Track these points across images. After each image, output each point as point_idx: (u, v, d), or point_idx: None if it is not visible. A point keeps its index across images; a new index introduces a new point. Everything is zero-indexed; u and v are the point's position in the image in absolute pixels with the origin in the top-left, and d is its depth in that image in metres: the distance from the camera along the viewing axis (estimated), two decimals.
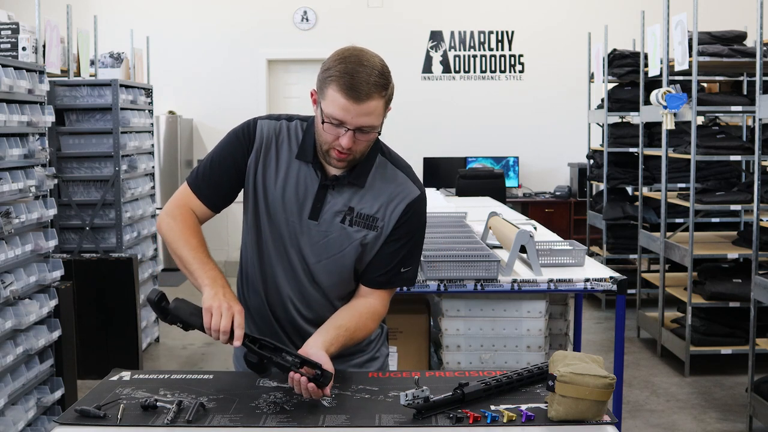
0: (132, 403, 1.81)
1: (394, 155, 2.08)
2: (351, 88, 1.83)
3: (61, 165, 5.37)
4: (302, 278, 2.04)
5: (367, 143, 1.92)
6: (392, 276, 2.04)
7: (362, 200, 2.00)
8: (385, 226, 2.00)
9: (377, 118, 1.88)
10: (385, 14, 9.40)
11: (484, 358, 3.21)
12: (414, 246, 2.06)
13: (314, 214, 1.99)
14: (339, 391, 1.89)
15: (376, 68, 1.86)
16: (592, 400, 1.69)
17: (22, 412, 3.66)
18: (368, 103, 1.84)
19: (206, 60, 9.46)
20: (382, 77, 1.86)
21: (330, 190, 1.99)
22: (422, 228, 2.07)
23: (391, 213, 2.00)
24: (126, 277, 5.16)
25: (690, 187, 5.23)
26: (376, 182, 2.01)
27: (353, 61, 1.85)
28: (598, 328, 6.45)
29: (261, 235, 2.05)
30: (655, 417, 4.53)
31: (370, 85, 1.84)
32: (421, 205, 2.04)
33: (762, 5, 4.19)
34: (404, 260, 2.04)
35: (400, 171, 2.04)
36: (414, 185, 2.04)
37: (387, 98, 1.89)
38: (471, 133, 9.45)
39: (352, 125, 1.86)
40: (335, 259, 2.01)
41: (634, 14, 6.88)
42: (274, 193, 2.01)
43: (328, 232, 2.00)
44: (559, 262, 3.41)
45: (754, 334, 4.29)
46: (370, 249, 2.02)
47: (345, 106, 1.84)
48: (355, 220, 1.99)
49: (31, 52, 4.35)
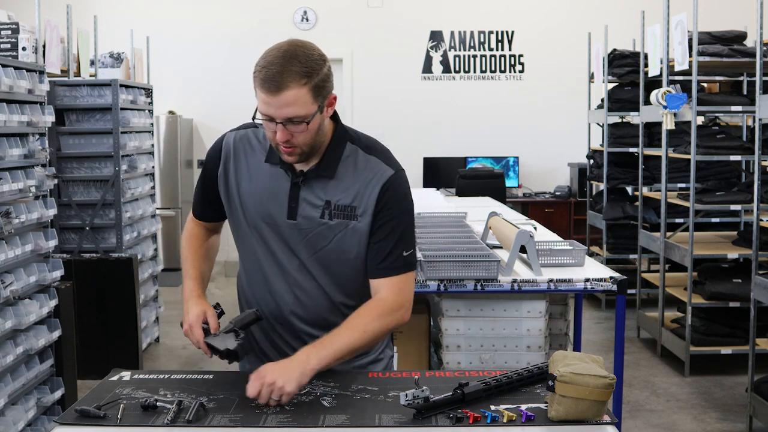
0: (132, 403, 1.81)
1: (365, 141, 2.04)
2: (266, 80, 1.83)
3: (61, 165, 5.37)
4: (296, 276, 2.03)
5: (307, 134, 1.89)
6: (393, 261, 2.00)
7: (337, 191, 1.98)
8: (366, 213, 1.98)
9: (303, 107, 1.84)
10: (385, 14, 9.40)
11: (484, 358, 3.21)
12: (406, 226, 2.01)
13: (292, 214, 2.00)
14: (339, 391, 1.89)
15: (297, 57, 1.83)
16: (592, 400, 1.69)
17: (22, 412, 3.66)
18: (285, 94, 1.82)
19: (206, 60, 9.45)
20: (301, 65, 1.82)
21: (302, 186, 1.99)
22: (407, 206, 2.02)
23: (368, 198, 1.97)
24: (126, 277, 5.16)
25: (690, 187, 5.23)
26: (349, 171, 1.99)
27: (272, 54, 1.85)
28: (598, 328, 6.45)
29: (247, 243, 2.08)
30: (655, 417, 4.53)
31: (285, 74, 1.81)
32: (398, 183, 2.00)
33: (762, 5, 4.19)
34: (400, 243, 2.00)
35: (372, 155, 2.01)
36: (386, 165, 2.00)
37: (314, 85, 1.84)
38: (471, 133, 9.45)
39: (279, 118, 1.85)
40: (324, 253, 2.01)
41: (634, 14, 6.88)
42: (250, 200, 2.03)
43: (309, 229, 1.99)
44: (559, 262, 3.41)
45: (754, 334, 4.29)
46: (355, 239, 1.99)
47: (265, 100, 1.85)
48: (334, 212, 1.98)
49: (31, 52, 4.35)
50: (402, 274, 2.02)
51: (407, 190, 2.04)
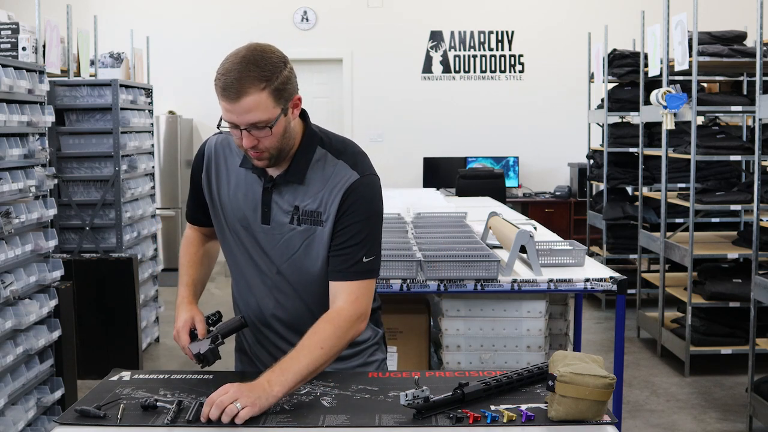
0: (132, 403, 1.81)
1: (335, 144, 2.00)
2: (225, 88, 1.81)
3: (61, 165, 5.37)
4: (274, 280, 2.04)
5: (273, 138, 1.87)
6: (351, 265, 1.94)
7: (305, 197, 1.97)
8: (329, 219, 1.96)
9: (264, 112, 1.82)
10: (385, 14, 9.40)
11: (484, 358, 3.21)
12: (369, 231, 1.96)
13: (265, 219, 2.00)
14: (339, 391, 1.89)
15: (255, 62, 1.80)
16: (592, 400, 1.69)
17: (22, 412, 3.66)
18: (245, 100, 1.80)
19: (206, 60, 9.38)
20: (258, 69, 1.80)
21: (274, 191, 1.99)
22: (372, 211, 1.98)
23: (332, 204, 1.95)
24: (126, 277, 5.16)
25: (690, 187, 5.23)
26: (317, 176, 1.97)
27: (230, 60, 1.83)
28: (598, 328, 6.45)
29: (229, 247, 2.09)
30: (655, 417, 4.53)
31: (243, 80, 1.79)
32: (361, 188, 1.95)
33: (762, 5, 4.19)
34: (360, 248, 1.95)
35: (340, 159, 1.98)
36: (352, 169, 1.96)
37: (273, 90, 1.81)
38: (471, 133, 9.45)
39: (242, 124, 1.84)
40: (295, 259, 2.01)
41: (634, 14, 6.88)
42: (228, 204, 2.05)
43: (281, 233, 2.00)
44: (559, 262, 3.41)
45: (754, 334, 4.29)
46: (321, 245, 1.98)
47: (226, 107, 1.84)
48: (302, 218, 1.98)
49: (31, 52, 4.35)
50: (360, 280, 1.96)
51: (374, 194, 1.99)
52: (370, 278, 1.98)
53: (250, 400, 1.71)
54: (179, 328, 2.02)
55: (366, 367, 2.14)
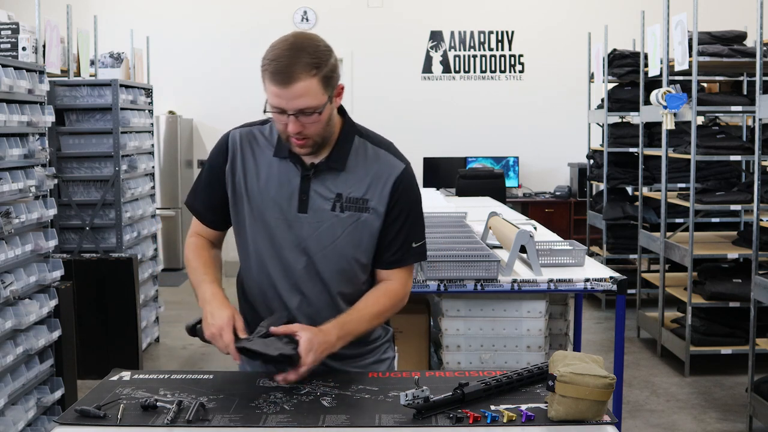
0: (132, 403, 1.81)
1: (372, 135, 2.07)
2: (276, 73, 1.84)
3: (61, 165, 5.37)
4: (300, 275, 2.03)
5: (318, 125, 1.90)
6: (404, 253, 2.05)
7: (348, 184, 1.99)
8: (378, 207, 2.00)
9: (314, 98, 1.86)
10: (385, 14, 9.40)
11: (484, 358, 3.21)
12: (416, 218, 2.06)
13: (302, 207, 2.00)
14: (339, 391, 1.89)
15: (305, 49, 1.85)
16: (592, 400, 1.69)
17: (22, 412, 3.66)
18: (296, 85, 1.84)
19: (206, 60, 9.45)
20: (310, 56, 1.85)
21: (313, 179, 1.99)
22: (418, 199, 2.08)
23: (381, 192, 2.00)
24: (126, 277, 5.16)
25: (690, 187, 5.23)
26: (359, 164, 2.01)
27: (281, 46, 1.86)
28: (598, 328, 6.45)
29: (251, 241, 2.05)
30: (655, 417, 4.53)
31: (295, 66, 1.83)
32: (408, 177, 2.04)
33: (762, 5, 4.19)
34: (411, 235, 2.05)
35: (380, 149, 2.04)
36: (397, 159, 2.04)
37: (322, 76, 1.86)
38: (471, 133, 9.45)
39: (291, 110, 1.87)
40: (332, 248, 2.00)
41: (634, 14, 6.88)
42: (259, 196, 2.02)
43: (320, 222, 1.99)
44: (559, 262, 3.41)
45: (754, 334, 4.29)
46: (366, 232, 2.01)
47: (276, 93, 1.86)
48: (345, 205, 1.99)
49: (31, 52, 4.35)
50: (410, 265, 2.09)
51: (416, 182, 2.09)
52: (420, 260, 2.14)
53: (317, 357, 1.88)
54: (222, 325, 1.91)
55: (379, 364, 2.16)
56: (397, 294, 2.07)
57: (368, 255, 2.05)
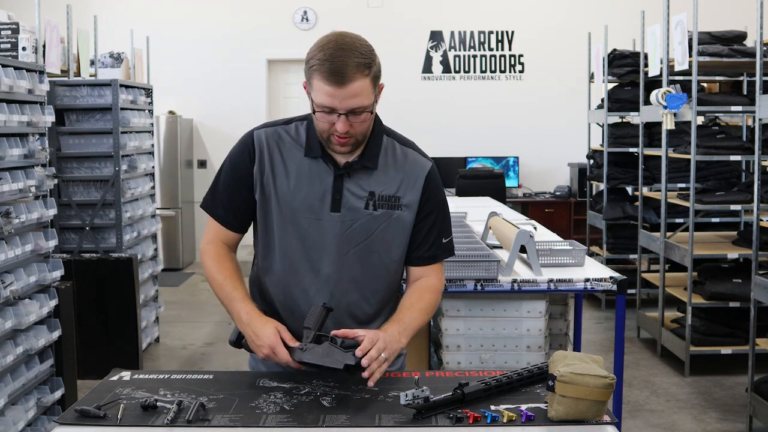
0: (132, 403, 1.81)
1: (398, 135, 2.12)
2: (332, 73, 1.84)
3: (61, 165, 5.37)
4: (330, 274, 2.02)
5: (364, 124, 1.93)
6: (437, 249, 2.10)
7: (380, 182, 2.02)
8: (411, 204, 2.04)
9: (366, 97, 1.89)
10: (385, 14, 9.40)
11: (484, 358, 3.21)
12: (445, 214, 2.12)
13: (335, 206, 2.00)
14: (339, 391, 1.89)
15: (356, 49, 1.87)
16: (592, 400, 1.69)
17: (22, 412, 3.66)
18: (352, 85, 1.86)
19: (206, 60, 9.46)
20: (362, 57, 1.87)
21: (345, 178, 2.00)
22: (445, 196, 2.14)
23: (413, 189, 2.04)
24: (126, 277, 5.16)
25: (690, 187, 5.23)
26: (389, 162, 2.04)
27: (332, 46, 1.87)
28: (598, 328, 6.45)
29: (279, 242, 2.03)
30: (655, 417, 4.53)
31: (351, 67, 1.85)
32: (436, 175, 2.10)
33: (762, 5, 4.19)
34: (442, 230, 2.10)
35: (408, 148, 2.09)
36: (424, 158, 2.09)
37: (373, 76, 1.91)
38: (471, 133, 9.46)
39: (343, 109, 1.88)
40: (365, 245, 2.02)
41: (634, 14, 6.88)
42: (289, 197, 2.00)
43: (354, 220, 2.00)
44: (559, 262, 3.41)
45: (754, 334, 4.29)
46: (399, 228, 2.03)
47: (331, 93, 1.86)
48: (378, 203, 2.01)
49: (31, 52, 4.35)
50: (443, 260, 2.15)
51: (440, 181, 2.14)
52: (450, 255, 2.17)
53: (389, 353, 1.88)
54: (272, 344, 1.88)
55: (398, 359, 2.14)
56: (437, 289, 2.12)
57: (400, 252, 2.07)
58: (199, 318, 6.62)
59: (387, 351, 1.87)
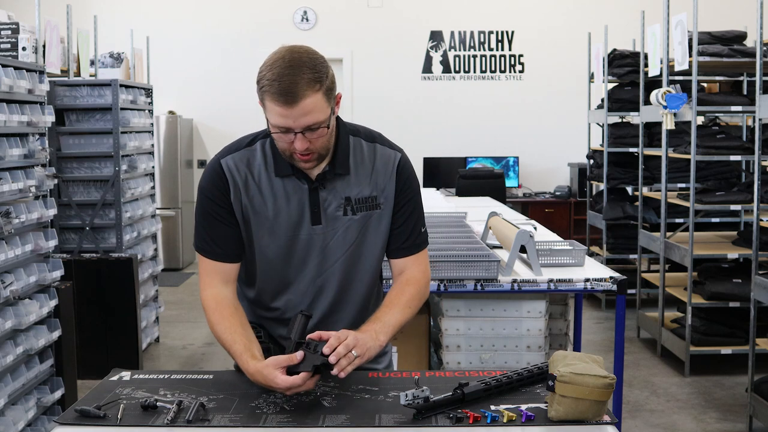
0: (132, 403, 1.81)
1: (362, 130, 2.07)
2: (282, 93, 1.80)
3: (61, 165, 5.37)
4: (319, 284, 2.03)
5: (322, 138, 1.89)
6: (416, 238, 2.08)
7: (354, 186, 2.00)
8: (387, 199, 2.02)
9: (321, 113, 1.84)
10: (385, 14, 9.40)
11: (484, 358, 3.21)
12: (419, 202, 2.09)
13: (316, 219, 1.99)
14: (339, 391, 1.89)
15: (305, 65, 1.82)
16: (592, 400, 1.69)
17: (22, 412, 3.66)
18: (304, 102, 1.81)
19: (206, 60, 9.46)
20: (312, 72, 1.82)
21: (320, 189, 1.98)
22: (417, 185, 2.11)
23: (387, 184, 2.02)
24: (126, 277, 5.16)
25: (690, 187, 5.23)
26: (359, 163, 2.01)
27: (279, 65, 1.82)
28: (598, 328, 6.45)
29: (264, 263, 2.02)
30: (655, 417, 4.53)
31: (301, 84, 1.80)
32: (406, 163, 2.07)
33: (762, 5, 4.19)
34: (419, 220, 2.08)
35: (376, 143, 2.05)
36: (391, 150, 2.06)
37: (325, 89, 1.84)
38: (471, 133, 9.46)
39: (298, 128, 1.83)
40: (350, 251, 2.02)
41: (634, 14, 6.88)
42: (269, 218, 1.98)
43: (336, 229, 2.00)
44: (559, 262, 3.41)
45: (754, 334, 4.29)
46: (382, 226, 2.03)
47: (283, 113, 1.82)
48: (357, 206, 2.00)
49: (31, 52, 4.35)
50: (422, 250, 2.11)
51: (413, 167, 2.10)
52: (427, 245, 2.13)
53: (363, 350, 1.84)
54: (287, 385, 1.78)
55: (383, 357, 2.16)
56: (419, 280, 2.08)
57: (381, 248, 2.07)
58: (199, 318, 6.62)
59: (358, 348, 1.82)
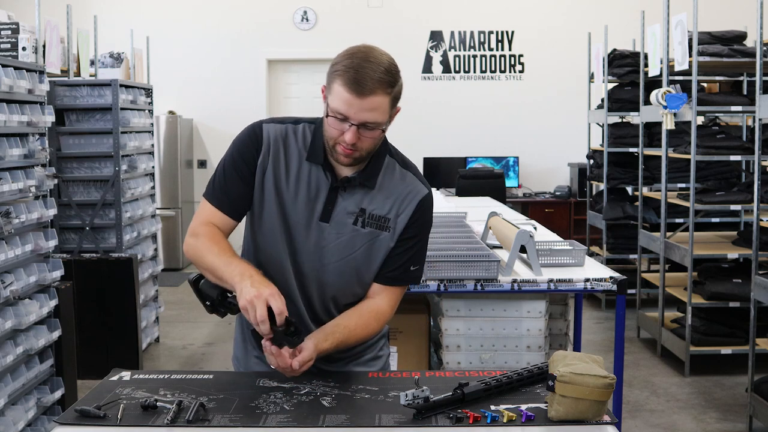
0: (132, 403, 1.81)
1: (401, 156, 2.09)
2: (354, 82, 1.83)
3: (61, 165, 5.37)
4: (309, 280, 2.02)
5: (372, 141, 1.91)
6: (401, 273, 2.04)
7: (373, 201, 2.00)
8: (397, 226, 2.01)
9: (382, 114, 1.87)
10: (385, 14, 9.40)
11: (484, 358, 3.21)
12: (423, 244, 2.07)
13: (325, 216, 1.98)
14: (339, 391, 1.89)
15: (383, 65, 1.86)
16: (592, 400, 1.69)
17: (22, 412, 3.66)
18: (372, 98, 1.84)
19: (206, 60, 9.46)
20: (388, 74, 1.86)
21: (341, 191, 1.98)
22: (430, 226, 2.09)
23: (402, 212, 2.01)
24: (126, 277, 5.17)
25: (690, 187, 5.23)
26: (386, 183, 2.01)
27: (360, 57, 1.86)
28: (598, 328, 6.45)
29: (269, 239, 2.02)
30: (655, 417, 4.53)
31: (374, 80, 1.83)
32: (429, 203, 2.06)
33: (762, 5, 4.19)
34: (413, 258, 2.05)
35: (408, 171, 2.06)
36: (422, 184, 2.06)
37: (393, 96, 1.88)
38: (471, 133, 9.46)
39: (356, 120, 1.85)
40: (346, 260, 2.00)
41: (634, 14, 6.88)
42: (287, 195, 1.99)
43: (340, 233, 1.99)
44: (559, 262, 3.41)
45: (754, 334, 4.29)
46: (383, 248, 2.01)
47: (348, 101, 1.84)
48: (368, 221, 1.99)
49: (31, 52, 4.35)
50: (402, 286, 2.09)
51: (432, 211, 2.09)
52: (411, 284, 2.11)
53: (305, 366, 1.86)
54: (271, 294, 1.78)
55: (376, 360, 2.17)
56: (385, 317, 2.07)
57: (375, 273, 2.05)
58: (199, 318, 6.62)
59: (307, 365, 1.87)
